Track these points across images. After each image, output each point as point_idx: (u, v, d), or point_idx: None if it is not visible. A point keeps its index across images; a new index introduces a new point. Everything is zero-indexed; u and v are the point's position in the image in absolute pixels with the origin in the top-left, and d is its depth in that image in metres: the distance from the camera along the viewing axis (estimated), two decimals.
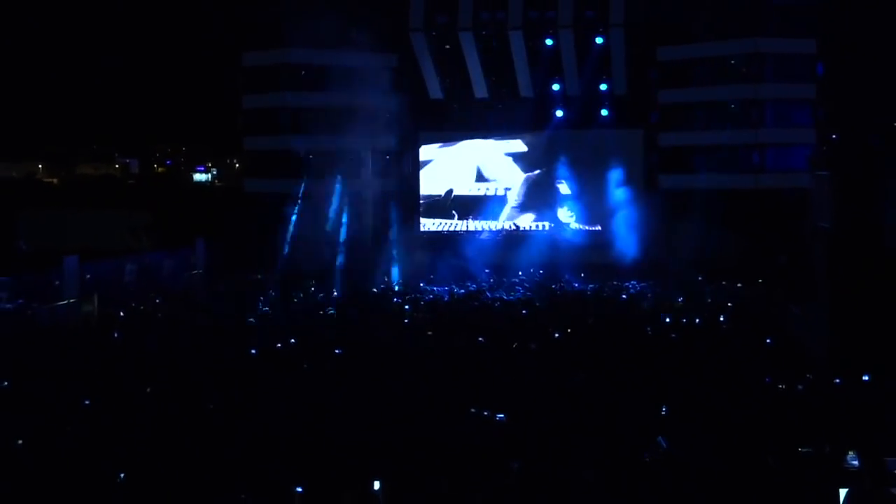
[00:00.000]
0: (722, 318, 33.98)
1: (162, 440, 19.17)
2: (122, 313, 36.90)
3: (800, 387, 22.85)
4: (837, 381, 23.04)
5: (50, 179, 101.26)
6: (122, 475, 16.28)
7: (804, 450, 18.02)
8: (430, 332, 31.68)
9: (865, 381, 23.03)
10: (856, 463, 17.47)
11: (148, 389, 23.62)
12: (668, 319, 33.52)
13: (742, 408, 20.81)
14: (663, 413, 20.68)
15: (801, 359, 25.72)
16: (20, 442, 18.81)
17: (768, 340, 29.21)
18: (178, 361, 27.59)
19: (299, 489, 15.12)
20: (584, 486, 15.71)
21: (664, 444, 17.71)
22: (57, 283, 37.57)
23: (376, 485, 14.85)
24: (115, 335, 32.05)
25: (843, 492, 14.50)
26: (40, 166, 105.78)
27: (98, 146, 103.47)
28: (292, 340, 30.05)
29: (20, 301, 36.92)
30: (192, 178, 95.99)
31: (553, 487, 15.76)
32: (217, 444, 18.87)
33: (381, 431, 19.45)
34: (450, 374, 25.12)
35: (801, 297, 31.36)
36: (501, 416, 20.36)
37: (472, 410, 20.88)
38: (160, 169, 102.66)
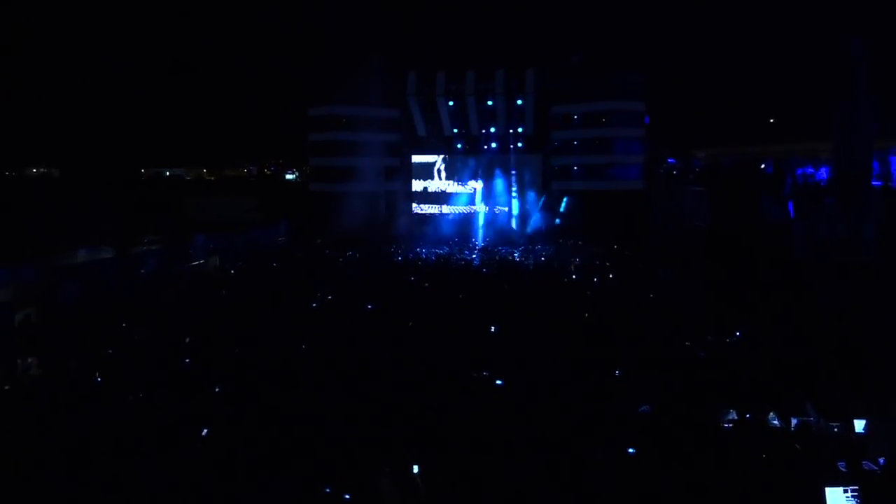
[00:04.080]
0: (611, 276, 26.70)
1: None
2: (232, 270, 29.99)
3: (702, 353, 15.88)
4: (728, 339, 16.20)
5: (210, 178, 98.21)
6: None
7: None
8: (426, 284, 24.82)
9: (738, 336, 16.17)
10: (777, 423, 11.37)
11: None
12: (574, 276, 26.68)
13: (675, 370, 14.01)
14: (617, 375, 13.79)
15: (684, 314, 18.62)
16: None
17: (651, 295, 21.98)
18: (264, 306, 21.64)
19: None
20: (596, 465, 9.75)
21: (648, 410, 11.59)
22: (191, 251, 30.59)
23: (415, 468, 9.23)
24: (223, 291, 24.96)
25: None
26: (204, 170, 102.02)
27: (235, 158, 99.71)
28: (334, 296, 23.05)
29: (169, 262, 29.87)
30: (285, 177, 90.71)
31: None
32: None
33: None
34: (444, 324, 18.31)
35: (660, 263, 25.13)
36: (499, 381, 13.42)
37: (474, 374, 13.90)
38: (267, 172, 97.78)
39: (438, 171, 46.77)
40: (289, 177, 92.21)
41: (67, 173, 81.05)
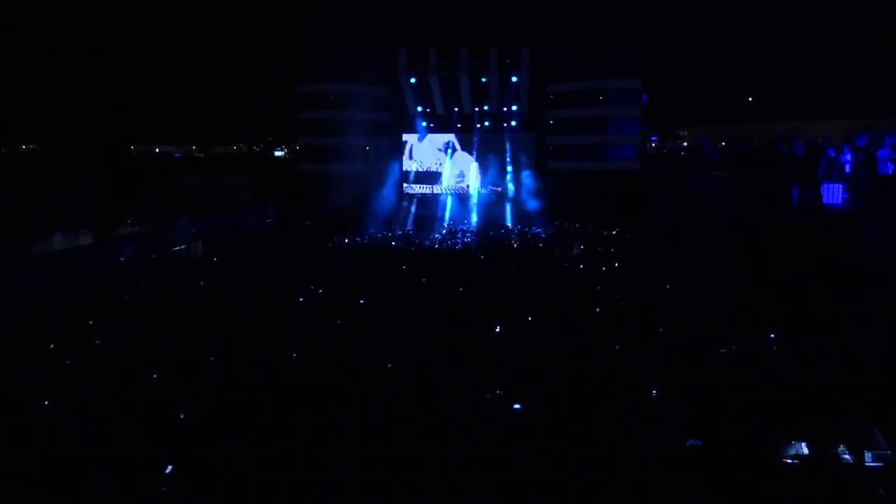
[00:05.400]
0: (616, 265, 24.20)
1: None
2: (215, 258, 27.37)
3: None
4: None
5: (199, 155, 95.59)
6: None
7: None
8: (423, 279, 22.29)
9: (772, 338, 13.86)
10: (848, 457, 9.13)
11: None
12: (581, 265, 24.21)
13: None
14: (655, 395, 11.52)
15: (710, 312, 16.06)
16: None
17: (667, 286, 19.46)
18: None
19: None
20: None
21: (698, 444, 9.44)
22: (172, 236, 27.93)
23: None
24: (202, 282, 22.38)
25: None
26: (194, 147, 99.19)
27: (226, 135, 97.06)
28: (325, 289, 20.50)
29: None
30: (274, 154, 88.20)
31: None
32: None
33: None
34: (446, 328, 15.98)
35: (672, 252, 22.74)
36: (517, 406, 11.13)
37: (487, 395, 11.61)
38: (257, 149, 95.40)
39: (430, 149, 43.92)
40: (278, 153, 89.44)
41: (54, 150, 77.25)
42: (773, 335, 13.07)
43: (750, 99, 55.59)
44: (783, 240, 15.85)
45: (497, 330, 15.42)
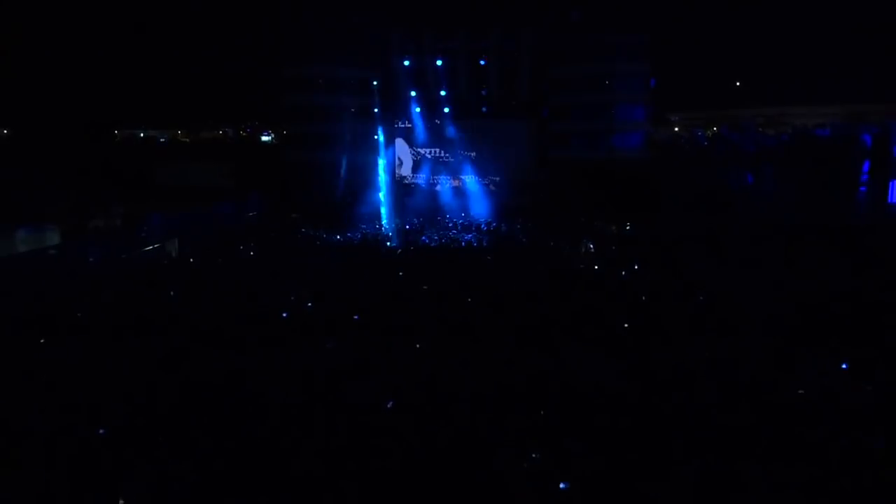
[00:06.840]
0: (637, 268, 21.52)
1: None
2: (191, 259, 24.58)
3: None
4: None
5: (185, 140, 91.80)
6: None
7: None
8: (424, 287, 19.62)
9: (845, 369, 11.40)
10: None
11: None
12: (595, 267, 21.62)
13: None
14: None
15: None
16: None
17: (701, 298, 16.84)
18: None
19: None
20: None
21: None
22: (144, 234, 25.25)
23: None
24: (169, 289, 19.54)
25: None
26: (179, 132, 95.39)
27: (211, 120, 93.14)
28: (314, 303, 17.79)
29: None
30: (260, 139, 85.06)
31: None
32: None
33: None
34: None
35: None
36: (564, 484, 8.56)
37: (524, 465, 9.04)
38: (243, 134, 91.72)
39: (425, 138, 41.18)
40: (265, 138, 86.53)
41: (30, 136, 73.61)
42: (867, 375, 10.63)
43: (738, 83, 53.14)
44: (866, 250, 13.32)
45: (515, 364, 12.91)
